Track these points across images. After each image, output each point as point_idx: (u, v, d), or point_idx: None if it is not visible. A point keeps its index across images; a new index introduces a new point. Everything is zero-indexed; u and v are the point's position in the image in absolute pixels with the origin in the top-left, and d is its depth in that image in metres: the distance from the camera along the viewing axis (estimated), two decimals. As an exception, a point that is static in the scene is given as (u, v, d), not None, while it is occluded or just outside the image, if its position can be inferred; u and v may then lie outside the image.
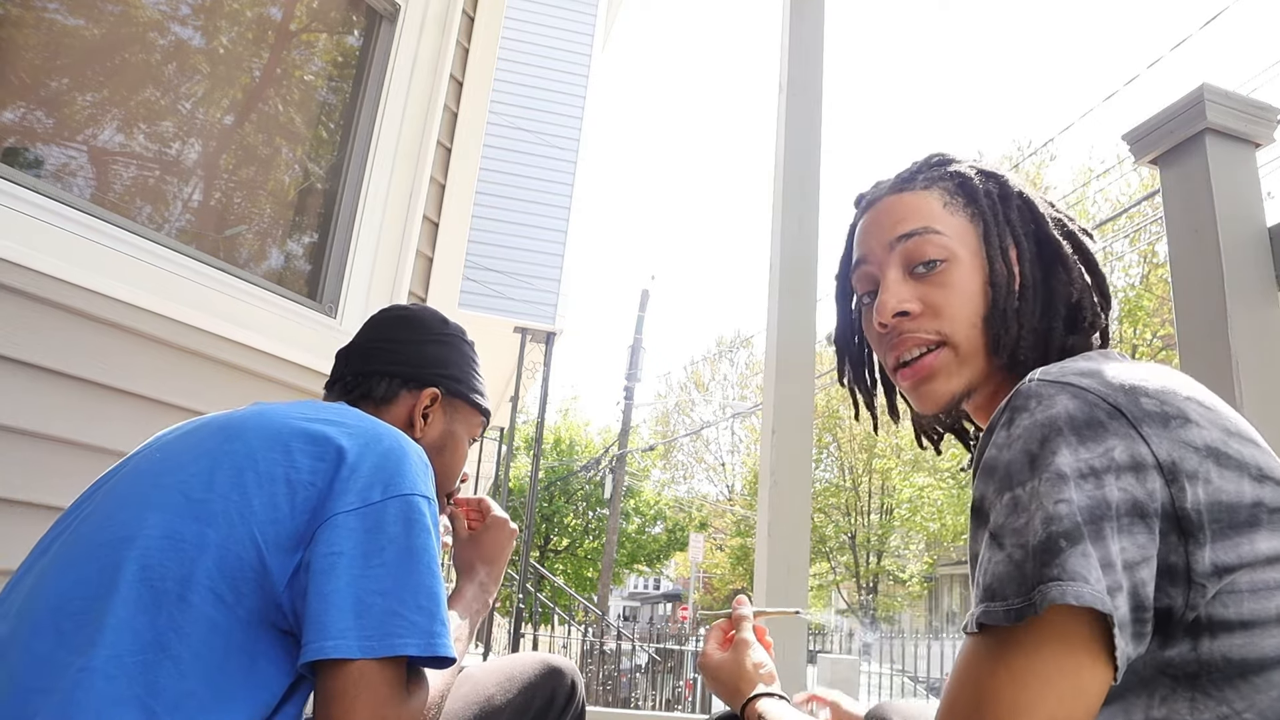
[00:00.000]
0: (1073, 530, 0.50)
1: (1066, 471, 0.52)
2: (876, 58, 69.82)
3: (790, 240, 1.99)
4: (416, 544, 0.77)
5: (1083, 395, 0.55)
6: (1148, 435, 0.53)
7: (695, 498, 26.04)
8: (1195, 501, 0.52)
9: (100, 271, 1.57)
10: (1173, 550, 0.52)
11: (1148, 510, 0.52)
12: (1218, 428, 0.55)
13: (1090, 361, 0.61)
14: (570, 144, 9.65)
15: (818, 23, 2.14)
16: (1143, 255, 13.44)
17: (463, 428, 1.09)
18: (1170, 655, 0.52)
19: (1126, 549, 0.51)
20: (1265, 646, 0.51)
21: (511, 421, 9.77)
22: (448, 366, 1.08)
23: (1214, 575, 0.51)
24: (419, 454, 0.85)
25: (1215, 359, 1.21)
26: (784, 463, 1.85)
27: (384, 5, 2.33)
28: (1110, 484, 0.52)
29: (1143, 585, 0.51)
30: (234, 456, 0.78)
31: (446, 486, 1.09)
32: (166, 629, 0.70)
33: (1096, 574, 0.49)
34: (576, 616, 14.24)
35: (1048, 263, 0.75)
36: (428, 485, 0.83)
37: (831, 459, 21.02)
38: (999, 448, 0.56)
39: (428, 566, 0.78)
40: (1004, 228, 0.75)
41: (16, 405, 1.44)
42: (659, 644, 11.58)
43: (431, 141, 2.35)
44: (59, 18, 1.72)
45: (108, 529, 0.76)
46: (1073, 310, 0.74)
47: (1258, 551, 0.52)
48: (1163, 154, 1.35)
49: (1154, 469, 0.52)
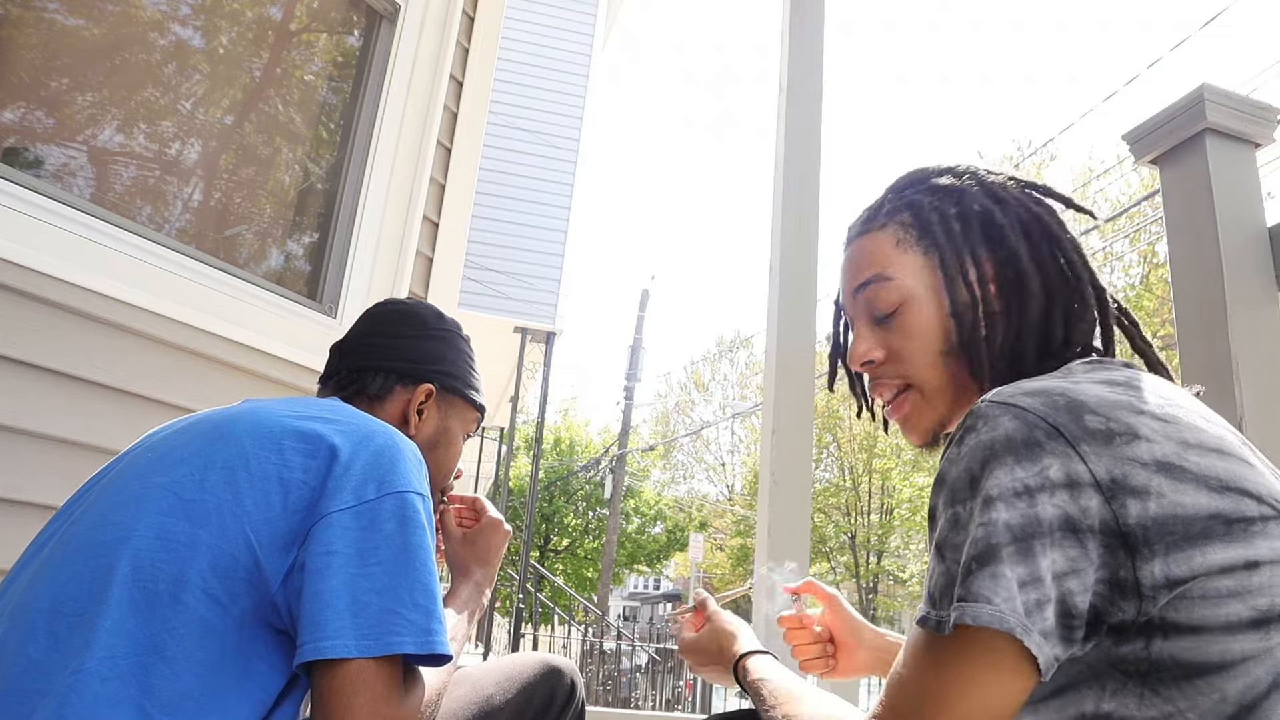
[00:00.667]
0: (985, 553, 0.55)
1: (996, 494, 0.56)
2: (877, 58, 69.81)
3: (790, 240, 1.99)
4: (412, 541, 0.77)
5: (1024, 416, 0.58)
6: (1085, 454, 0.55)
7: (695, 498, 26.04)
8: (1142, 516, 0.54)
9: (100, 271, 1.57)
10: (1121, 565, 0.54)
11: (1080, 526, 0.54)
12: (1173, 441, 0.57)
13: (1049, 380, 0.63)
14: (570, 144, 9.65)
15: (818, 23, 2.14)
16: (1143, 255, 13.43)
17: (458, 423, 1.08)
18: (1124, 652, 0.54)
19: (1057, 561, 0.54)
20: (1210, 652, 0.53)
21: (511, 421, 9.77)
22: (442, 362, 1.07)
23: (1164, 587, 0.53)
24: (413, 451, 0.84)
25: (1215, 359, 1.21)
26: (784, 463, 1.85)
27: (384, 5, 2.33)
28: (1044, 501, 0.54)
29: (1070, 595, 0.54)
30: (226, 456, 0.78)
31: (440, 483, 1.08)
32: (160, 630, 0.70)
33: (1006, 593, 0.53)
34: (576, 616, 14.24)
35: (1013, 280, 0.75)
36: (422, 482, 0.83)
37: (831, 459, 21.00)
38: (949, 462, 0.60)
39: (424, 564, 0.77)
40: (962, 254, 0.76)
41: (16, 405, 1.44)
42: (659, 644, 11.58)
43: (431, 141, 2.35)
44: (59, 18, 1.72)
45: (100, 530, 0.76)
46: (1043, 327, 0.74)
47: (1210, 563, 0.53)
48: (1163, 154, 1.35)
49: (1090, 486, 0.55)
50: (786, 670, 0.83)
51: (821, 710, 0.70)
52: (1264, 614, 0.53)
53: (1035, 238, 0.76)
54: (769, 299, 2.01)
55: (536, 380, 10.16)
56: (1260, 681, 0.52)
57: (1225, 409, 1.19)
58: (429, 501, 0.83)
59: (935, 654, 0.56)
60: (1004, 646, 0.54)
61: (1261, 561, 0.54)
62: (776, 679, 0.80)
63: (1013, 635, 0.53)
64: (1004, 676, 0.54)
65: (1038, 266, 0.75)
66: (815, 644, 1.08)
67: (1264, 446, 1.16)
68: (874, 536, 20.68)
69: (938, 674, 0.56)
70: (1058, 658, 0.55)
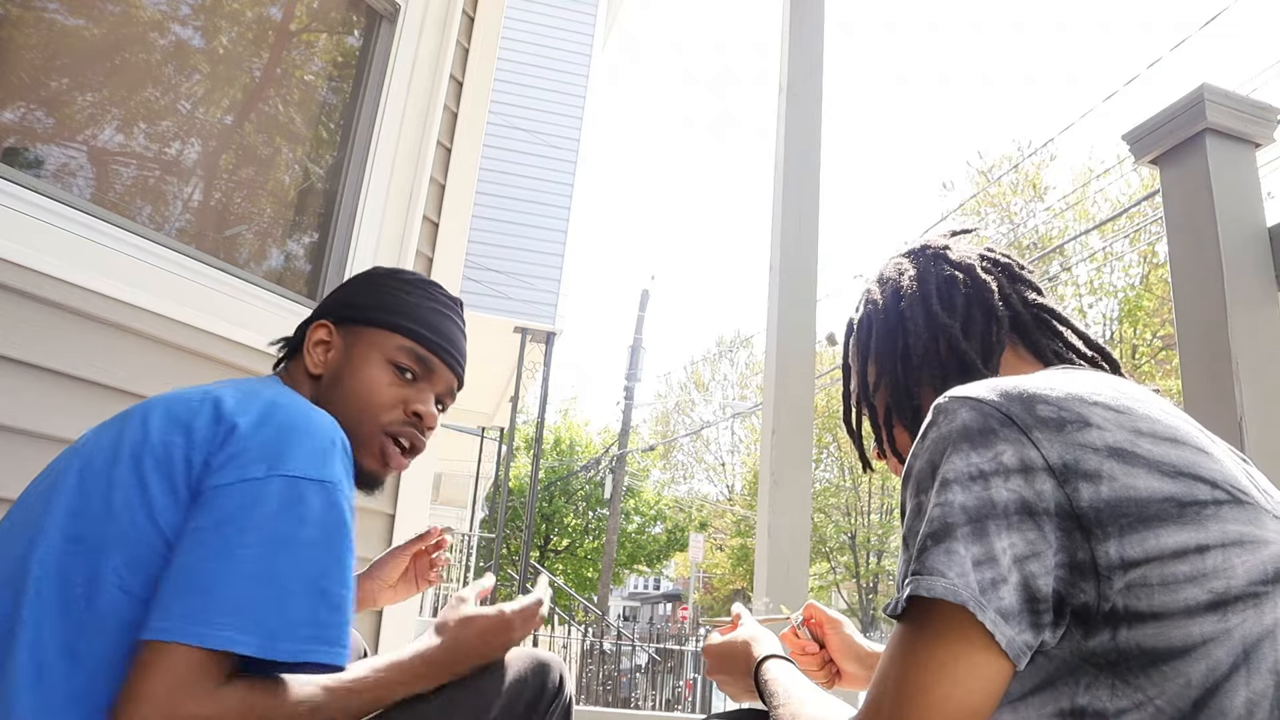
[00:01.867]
0: (940, 530, 0.58)
1: (952, 478, 0.59)
2: (877, 57, 69.78)
3: (790, 240, 1.99)
4: (288, 530, 0.71)
5: (979, 407, 0.61)
6: (1038, 440, 0.58)
7: (695, 498, 26.04)
8: (1095, 499, 0.56)
9: (100, 271, 1.57)
10: (1079, 547, 0.56)
11: (1036, 509, 0.57)
12: (1125, 429, 0.59)
13: (1010, 377, 0.67)
14: (570, 144, 9.65)
15: (818, 23, 2.14)
16: (1143, 255, 13.43)
17: (368, 350, 0.99)
18: (1093, 645, 0.56)
19: (1016, 544, 0.57)
20: (1173, 637, 0.54)
21: (511, 421, 9.77)
22: (350, 296, 1.03)
23: (1120, 568, 0.55)
24: (326, 435, 0.79)
25: (1215, 359, 1.21)
26: (784, 463, 1.85)
27: (384, 5, 2.33)
28: (997, 485, 0.58)
29: (1033, 578, 0.56)
30: (134, 445, 0.76)
31: (365, 420, 0.97)
32: (76, 634, 0.69)
33: (960, 569, 0.56)
34: (576, 616, 14.24)
35: (912, 352, 0.83)
36: (328, 469, 0.77)
37: (831, 459, 21.00)
38: (914, 457, 0.64)
39: (303, 558, 0.72)
40: (868, 351, 0.87)
41: (17, 405, 1.44)
42: (659, 644, 11.58)
43: (431, 141, 2.35)
44: (59, 18, 1.72)
45: (18, 541, 0.74)
46: (956, 363, 0.80)
47: (1163, 545, 0.55)
48: (1163, 154, 1.35)
49: (1044, 471, 0.58)
50: (800, 676, 0.85)
51: (820, 710, 0.74)
52: (1220, 596, 0.55)
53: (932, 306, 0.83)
54: (769, 299, 2.01)
55: (536, 380, 10.16)
56: (1221, 663, 0.54)
57: (1225, 409, 1.19)
58: (336, 489, 0.76)
59: (907, 643, 0.59)
60: (968, 626, 0.56)
61: (1212, 545, 0.56)
62: (786, 680, 0.83)
63: (967, 609, 0.55)
64: (975, 659, 0.56)
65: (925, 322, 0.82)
66: (812, 656, 1.14)
67: (1264, 446, 1.16)
68: (874, 536, 20.67)
69: (912, 662, 0.57)
70: (1029, 645, 0.56)
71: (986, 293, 0.81)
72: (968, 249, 0.87)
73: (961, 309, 0.81)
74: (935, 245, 0.87)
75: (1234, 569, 0.55)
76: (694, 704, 10.34)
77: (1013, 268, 0.85)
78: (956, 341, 0.79)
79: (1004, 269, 0.84)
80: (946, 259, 0.85)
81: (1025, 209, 15.30)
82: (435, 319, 1.03)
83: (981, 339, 0.79)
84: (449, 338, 1.04)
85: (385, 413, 0.98)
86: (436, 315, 1.03)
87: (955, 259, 0.85)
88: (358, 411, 0.96)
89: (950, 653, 0.56)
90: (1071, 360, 0.80)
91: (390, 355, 0.99)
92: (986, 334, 0.79)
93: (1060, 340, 0.81)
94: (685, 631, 17.05)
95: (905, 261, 0.88)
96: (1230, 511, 0.57)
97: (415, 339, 1.00)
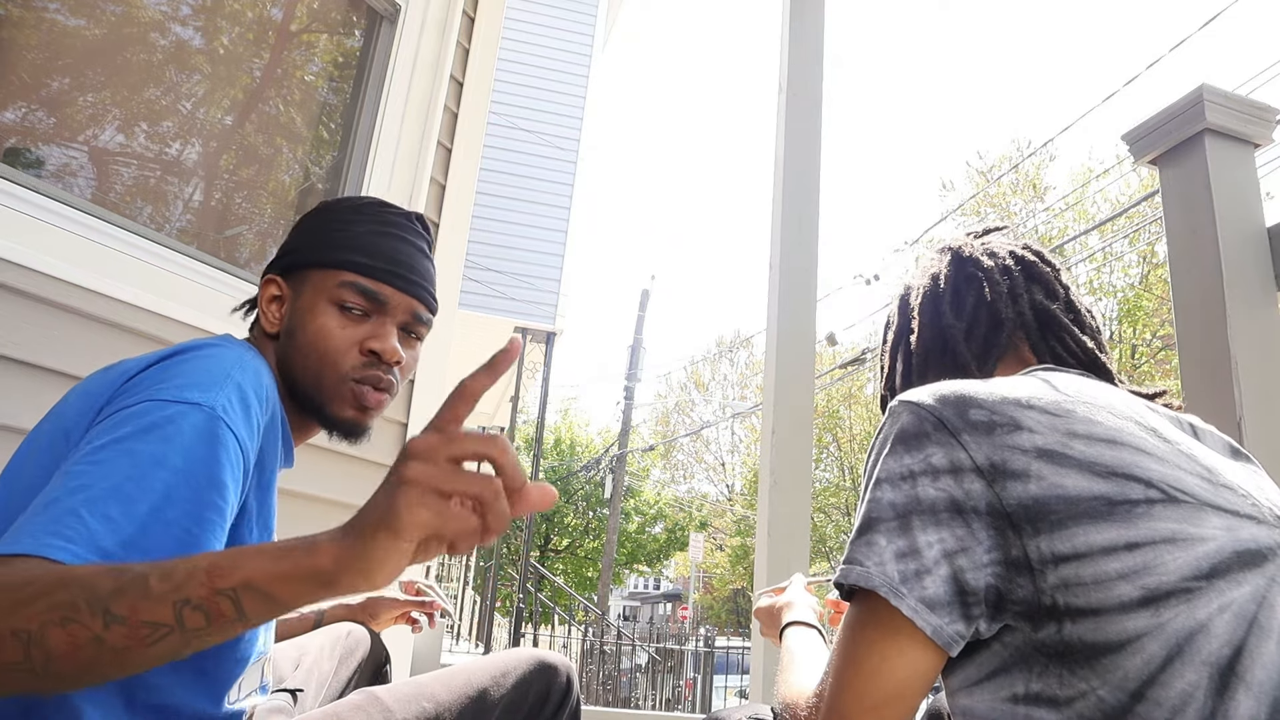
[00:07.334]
0: (864, 524, 0.64)
1: (884, 477, 0.64)
2: (877, 57, 69.77)
3: (790, 240, 1.99)
4: (135, 445, 0.65)
5: (917, 411, 0.66)
6: (966, 442, 0.62)
7: (695, 498, 26.03)
8: (1022, 497, 0.60)
9: (100, 271, 1.57)
10: (1012, 544, 0.60)
11: (965, 507, 0.61)
12: (1059, 432, 0.62)
13: (951, 382, 0.69)
14: (570, 144, 9.65)
15: (818, 23, 2.14)
16: (1142, 255, 13.43)
17: (314, 296, 0.92)
18: (1041, 637, 0.59)
19: (945, 539, 0.61)
20: (1110, 632, 0.57)
21: (511, 421, 9.77)
22: (291, 240, 0.96)
23: (1051, 563, 0.58)
24: (219, 364, 0.75)
25: (1214, 359, 1.21)
26: (784, 463, 1.85)
27: (384, 6, 2.33)
28: (925, 484, 0.62)
29: (962, 572, 0.60)
30: (60, 418, 0.76)
31: (325, 372, 0.91)
32: None
33: (877, 558, 0.62)
34: (576, 616, 14.25)
35: (915, 351, 0.88)
36: (215, 394, 0.72)
37: (831, 459, 21.00)
38: (868, 457, 0.69)
39: (122, 467, 0.64)
40: (887, 346, 0.93)
41: (17, 405, 1.44)
42: (659, 644, 11.58)
43: (431, 141, 2.36)
44: (59, 18, 1.72)
45: None
46: (953, 364, 0.84)
47: (1092, 542, 0.58)
48: (1162, 154, 1.35)
49: (972, 471, 0.61)
50: (812, 644, 0.92)
51: (800, 676, 0.81)
52: (1152, 592, 0.57)
53: (927, 311, 0.88)
54: (769, 299, 2.02)
55: (536, 380, 10.16)
56: (1156, 657, 0.56)
57: (1224, 409, 1.19)
58: (222, 418, 0.71)
59: (846, 627, 0.65)
60: (890, 613, 0.61)
61: (1141, 542, 0.58)
62: (793, 646, 0.90)
63: (880, 594, 0.60)
64: (900, 643, 0.61)
65: (928, 322, 0.87)
66: None
67: (1263, 446, 1.16)
68: (874, 536, 20.60)
69: (850, 643, 0.64)
70: (960, 634, 0.60)
71: (997, 295, 0.83)
72: (995, 247, 0.89)
73: (969, 311, 0.84)
74: (962, 244, 0.90)
75: (1165, 565, 0.57)
76: (694, 704, 10.34)
77: (1035, 266, 0.86)
78: (956, 343, 0.83)
79: (1025, 268, 0.86)
80: (971, 259, 0.87)
81: (1025, 209, 15.30)
82: (378, 242, 0.94)
83: (983, 341, 0.82)
84: (396, 259, 0.94)
85: (343, 358, 0.91)
86: (380, 238, 0.94)
87: (978, 259, 0.87)
88: (317, 364, 0.90)
89: (877, 635, 0.61)
90: (1066, 362, 0.81)
91: (333, 295, 0.91)
92: (989, 337, 0.82)
93: (1061, 343, 0.82)
94: (685, 631, 17.04)
95: (935, 259, 0.91)
96: (1163, 510, 0.59)
97: (356, 269, 0.91)
